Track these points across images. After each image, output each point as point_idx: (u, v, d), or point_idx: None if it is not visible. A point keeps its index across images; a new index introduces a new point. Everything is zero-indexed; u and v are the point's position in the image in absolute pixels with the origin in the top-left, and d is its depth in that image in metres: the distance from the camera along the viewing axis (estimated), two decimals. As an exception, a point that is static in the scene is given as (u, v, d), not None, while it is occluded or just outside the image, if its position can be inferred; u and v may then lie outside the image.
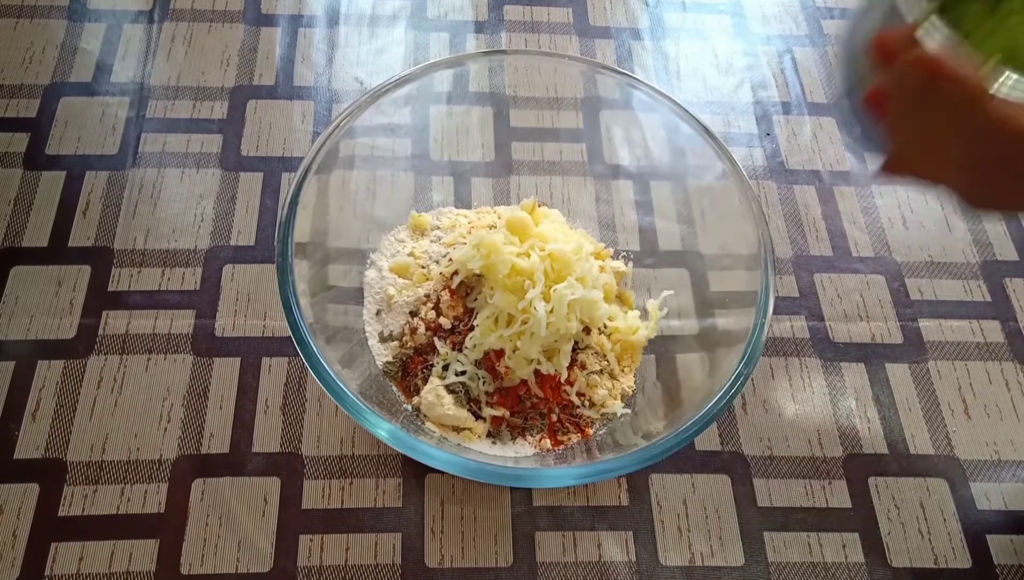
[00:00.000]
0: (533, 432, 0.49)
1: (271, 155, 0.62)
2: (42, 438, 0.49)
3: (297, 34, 0.69)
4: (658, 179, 0.59)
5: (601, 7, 0.74)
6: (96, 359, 0.52)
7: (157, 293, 0.55)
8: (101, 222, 0.57)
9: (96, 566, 0.45)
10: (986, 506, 0.51)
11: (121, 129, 0.62)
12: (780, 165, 0.65)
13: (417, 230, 0.57)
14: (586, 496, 0.49)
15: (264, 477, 0.49)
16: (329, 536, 0.47)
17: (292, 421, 0.51)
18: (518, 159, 0.63)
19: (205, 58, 0.66)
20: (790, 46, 0.73)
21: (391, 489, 0.49)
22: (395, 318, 0.52)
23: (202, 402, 0.51)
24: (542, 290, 0.47)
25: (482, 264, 0.48)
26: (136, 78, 0.65)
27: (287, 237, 0.44)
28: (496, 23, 0.72)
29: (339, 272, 0.52)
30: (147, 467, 0.48)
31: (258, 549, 0.46)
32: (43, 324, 0.53)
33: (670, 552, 0.48)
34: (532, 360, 0.47)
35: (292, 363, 0.53)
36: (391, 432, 0.40)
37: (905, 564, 0.48)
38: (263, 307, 0.55)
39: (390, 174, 0.58)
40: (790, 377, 0.55)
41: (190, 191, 0.59)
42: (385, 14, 0.71)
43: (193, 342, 0.53)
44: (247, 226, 0.58)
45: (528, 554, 0.47)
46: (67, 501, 0.47)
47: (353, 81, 0.66)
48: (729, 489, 0.50)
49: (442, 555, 0.47)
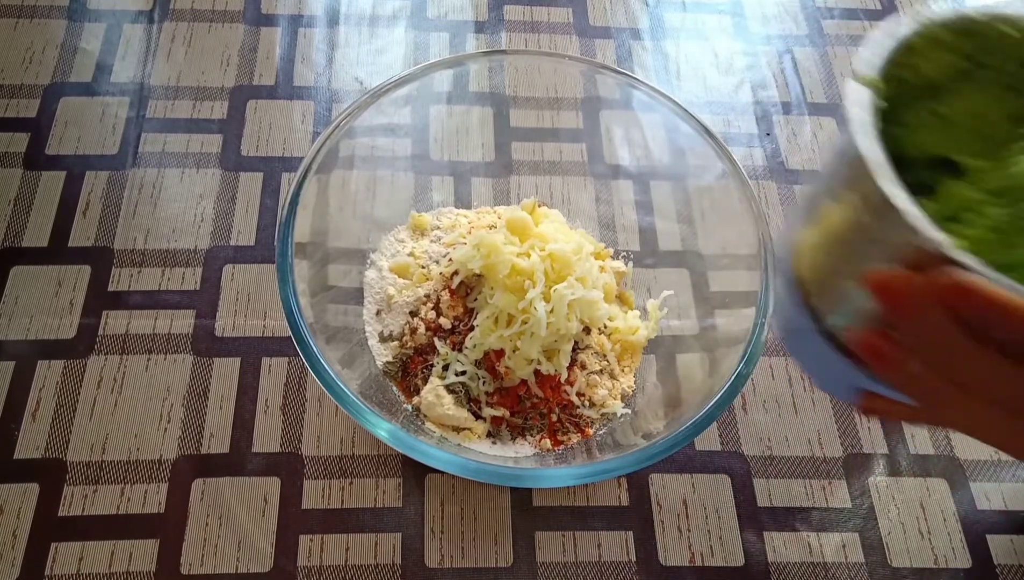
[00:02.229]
0: (533, 432, 0.49)
1: (271, 155, 0.62)
2: (42, 438, 0.49)
3: (297, 34, 0.69)
4: (658, 179, 0.58)
5: (601, 7, 0.74)
6: (96, 359, 0.52)
7: (157, 293, 0.55)
8: (101, 222, 0.57)
9: (96, 566, 0.45)
10: (986, 506, 0.51)
11: (121, 129, 0.62)
12: (780, 165, 0.65)
13: (417, 230, 0.57)
14: (586, 496, 0.49)
15: (264, 477, 0.49)
16: (329, 536, 0.47)
17: (292, 421, 0.51)
18: (518, 159, 0.63)
19: (205, 58, 0.66)
20: (790, 46, 0.73)
21: (391, 489, 0.49)
22: (395, 318, 0.52)
23: (202, 402, 0.51)
24: (542, 290, 0.47)
25: (482, 264, 0.48)
26: (136, 78, 0.65)
27: (287, 237, 0.44)
28: (496, 23, 0.72)
29: (339, 272, 0.52)
30: (147, 467, 0.48)
31: (258, 549, 0.46)
32: (43, 324, 0.53)
33: (670, 552, 0.48)
34: (532, 360, 0.47)
35: (292, 363, 0.53)
36: (391, 432, 0.40)
37: (905, 564, 0.48)
38: (263, 307, 0.55)
39: (390, 174, 0.58)
40: (790, 377, 0.55)
41: (190, 191, 0.59)
42: (385, 14, 0.71)
43: (193, 342, 0.53)
44: (247, 226, 0.58)
45: (528, 554, 0.47)
46: (67, 501, 0.47)
47: (353, 81, 0.66)
48: (729, 489, 0.50)
49: (442, 555, 0.47)
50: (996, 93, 0.31)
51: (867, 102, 0.27)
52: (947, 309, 0.24)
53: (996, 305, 0.23)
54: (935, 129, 0.32)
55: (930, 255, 0.24)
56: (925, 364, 0.26)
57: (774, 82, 0.70)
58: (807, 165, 0.65)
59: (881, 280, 0.25)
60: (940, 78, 0.30)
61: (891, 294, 0.25)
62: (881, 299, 0.26)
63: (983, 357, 0.24)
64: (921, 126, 0.32)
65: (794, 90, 0.70)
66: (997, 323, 0.23)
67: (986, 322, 0.23)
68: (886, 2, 0.76)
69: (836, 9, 0.75)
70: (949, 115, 0.31)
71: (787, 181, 0.64)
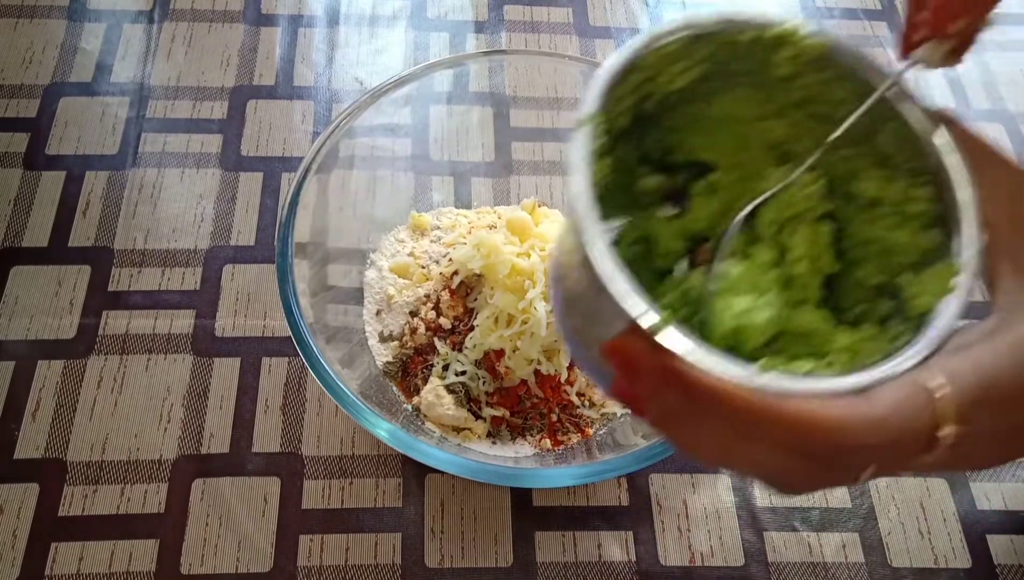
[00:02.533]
0: (533, 432, 0.49)
1: (271, 155, 0.62)
2: (42, 438, 0.49)
3: (297, 34, 0.69)
4: (658, 179, 0.58)
5: (601, 7, 0.74)
6: (96, 359, 0.52)
7: (157, 293, 0.55)
8: (101, 222, 0.57)
9: (96, 566, 0.45)
10: (986, 506, 0.51)
11: (121, 129, 0.62)
12: (780, 165, 0.65)
13: (417, 230, 0.57)
14: (586, 496, 0.49)
15: (264, 477, 0.49)
16: (329, 536, 0.47)
17: (292, 421, 0.51)
18: (518, 159, 0.63)
19: (205, 58, 0.66)
20: (790, 46, 0.72)
21: (391, 489, 0.49)
22: (395, 318, 0.52)
23: (202, 402, 0.51)
24: (543, 290, 0.47)
25: (482, 264, 0.48)
26: (136, 78, 0.65)
27: (287, 237, 0.44)
28: (496, 23, 0.72)
29: (339, 272, 0.52)
30: (147, 467, 0.48)
31: (258, 549, 0.46)
32: (43, 324, 0.53)
33: (670, 552, 0.48)
34: (532, 360, 0.47)
35: (292, 363, 0.53)
36: (391, 432, 0.40)
37: (905, 564, 0.48)
38: (263, 307, 0.55)
39: (390, 174, 0.58)
40: (790, 377, 0.55)
41: (190, 191, 0.59)
42: (385, 14, 0.71)
43: (193, 342, 0.53)
44: (247, 226, 0.58)
45: (528, 554, 0.47)
46: (67, 501, 0.47)
47: (353, 81, 0.66)
48: (728, 489, 0.50)
49: (442, 555, 0.47)
50: (746, 93, 0.31)
51: (585, 154, 0.25)
52: (670, 388, 0.22)
53: (704, 392, 0.22)
54: (699, 131, 0.33)
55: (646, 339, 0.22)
56: (672, 424, 0.24)
57: (774, 82, 0.70)
58: (807, 165, 0.65)
59: (611, 349, 0.24)
60: (690, 84, 0.30)
61: (621, 365, 0.24)
62: (614, 367, 0.24)
63: (720, 431, 0.23)
64: (688, 129, 0.33)
65: (794, 90, 0.69)
66: (711, 407, 0.22)
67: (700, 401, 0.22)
68: (886, 2, 0.76)
69: (836, 9, 0.75)
70: (708, 116, 0.32)
71: (787, 181, 0.64)
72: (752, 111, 0.32)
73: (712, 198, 0.33)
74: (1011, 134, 0.69)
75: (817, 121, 0.30)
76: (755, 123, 0.32)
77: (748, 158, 0.33)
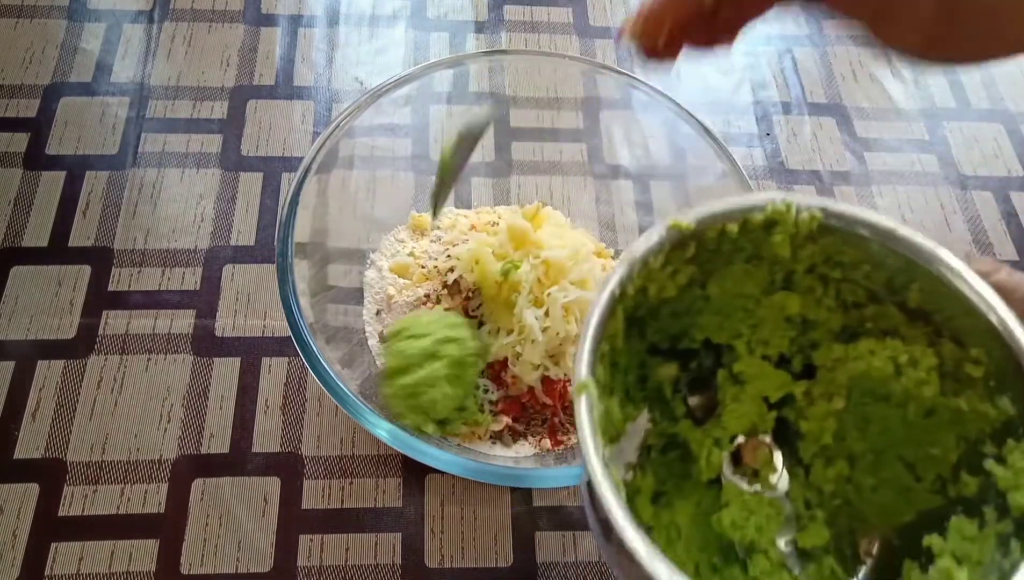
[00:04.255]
0: (533, 432, 0.49)
1: (271, 155, 0.62)
2: (42, 438, 0.49)
3: (297, 34, 0.69)
4: (658, 179, 0.58)
5: (601, 7, 0.74)
6: (96, 359, 0.52)
7: (157, 293, 0.55)
8: (101, 222, 0.57)
9: (96, 566, 0.45)
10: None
11: (121, 129, 0.62)
12: (780, 165, 0.65)
13: (417, 230, 0.57)
14: (586, 496, 0.49)
15: (264, 477, 0.49)
16: (329, 536, 0.47)
17: (292, 421, 0.51)
18: (518, 159, 0.63)
19: (205, 58, 0.66)
20: (790, 46, 0.73)
21: (391, 489, 0.49)
22: (395, 318, 0.52)
23: (202, 402, 0.51)
24: (529, 298, 0.46)
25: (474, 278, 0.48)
26: (136, 78, 0.65)
27: (287, 237, 0.44)
28: (496, 23, 0.72)
29: (339, 272, 0.52)
30: (147, 467, 0.48)
31: (258, 549, 0.46)
32: (43, 324, 0.53)
33: (670, 552, 0.48)
34: (538, 365, 0.47)
35: (292, 363, 0.53)
36: (391, 432, 0.40)
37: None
38: (263, 307, 0.55)
39: (390, 174, 0.58)
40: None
41: (190, 191, 0.59)
42: (385, 14, 0.71)
43: (193, 342, 0.53)
44: (247, 226, 0.58)
45: (528, 554, 0.47)
46: (67, 501, 0.47)
47: (353, 81, 0.66)
48: (729, 489, 0.50)
49: (442, 555, 0.47)
50: (744, 269, 0.31)
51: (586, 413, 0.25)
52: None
53: None
54: (705, 312, 0.32)
55: None
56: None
57: (774, 82, 0.70)
58: (807, 165, 0.65)
59: None
60: (683, 281, 0.30)
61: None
62: None
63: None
64: (691, 313, 0.32)
65: (794, 90, 0.70)
66: None
67: None
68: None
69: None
70: (709, 298, 0.32)
71: (787, 181, 0.64)
72: (757, 287, 0.31)
73: (740, 391, 0.32)
74: (1011, 134, 0.69)
75: (832, 283, 0.30)
76: (763, 297, 0.31)
77: (766, 335, 0.32)
